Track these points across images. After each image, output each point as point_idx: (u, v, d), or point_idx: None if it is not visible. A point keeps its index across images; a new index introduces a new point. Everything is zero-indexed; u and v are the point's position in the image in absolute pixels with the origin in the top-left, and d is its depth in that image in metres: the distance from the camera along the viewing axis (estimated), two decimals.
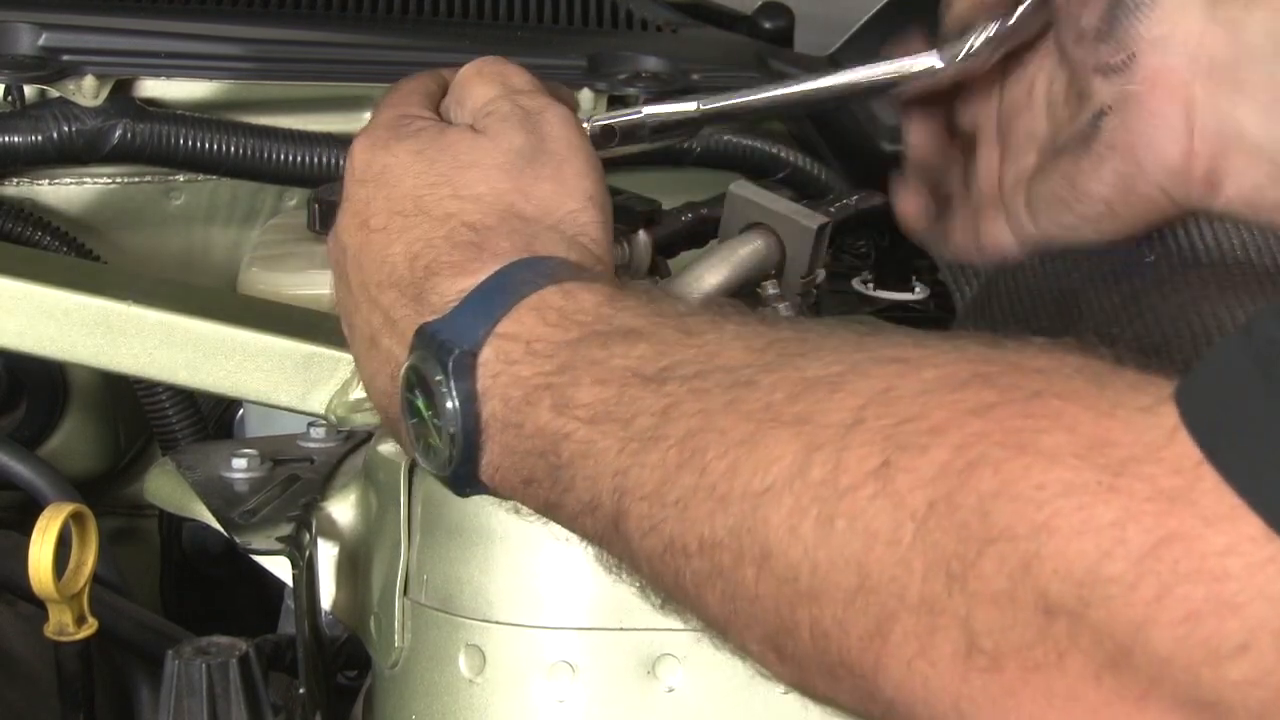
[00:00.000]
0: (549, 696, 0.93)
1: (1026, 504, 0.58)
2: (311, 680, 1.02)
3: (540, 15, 1.66)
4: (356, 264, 0.85)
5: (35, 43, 1.49)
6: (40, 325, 1.15)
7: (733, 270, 1.00)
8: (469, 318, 0.78)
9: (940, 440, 0.61)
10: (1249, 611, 0.54)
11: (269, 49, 1.55)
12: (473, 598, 0.94)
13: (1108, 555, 0.56)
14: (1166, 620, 0.55)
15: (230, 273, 1.47)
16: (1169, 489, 0.56)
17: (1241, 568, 0.54)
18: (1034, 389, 0.61)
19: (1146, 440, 0.57)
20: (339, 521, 1.06)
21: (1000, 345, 0.65)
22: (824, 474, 0.63)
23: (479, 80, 0.90)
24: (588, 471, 0.72)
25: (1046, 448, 0.58)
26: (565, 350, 0.75)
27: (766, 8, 1.82)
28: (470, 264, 0.81)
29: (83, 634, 1.03)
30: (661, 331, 0.74)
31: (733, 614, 0.67)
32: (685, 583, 0.69)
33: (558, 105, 0.88)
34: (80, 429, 1.49)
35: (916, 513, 0.60)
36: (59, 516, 0.99)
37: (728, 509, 0.66)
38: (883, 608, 0.61)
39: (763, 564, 0.65)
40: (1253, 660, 0.54)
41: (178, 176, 1.54)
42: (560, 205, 0.84)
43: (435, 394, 0.77)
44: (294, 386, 1.13)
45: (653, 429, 0.70)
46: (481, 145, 0.85)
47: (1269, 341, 0.57)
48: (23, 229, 1.47)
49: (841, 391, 0.65)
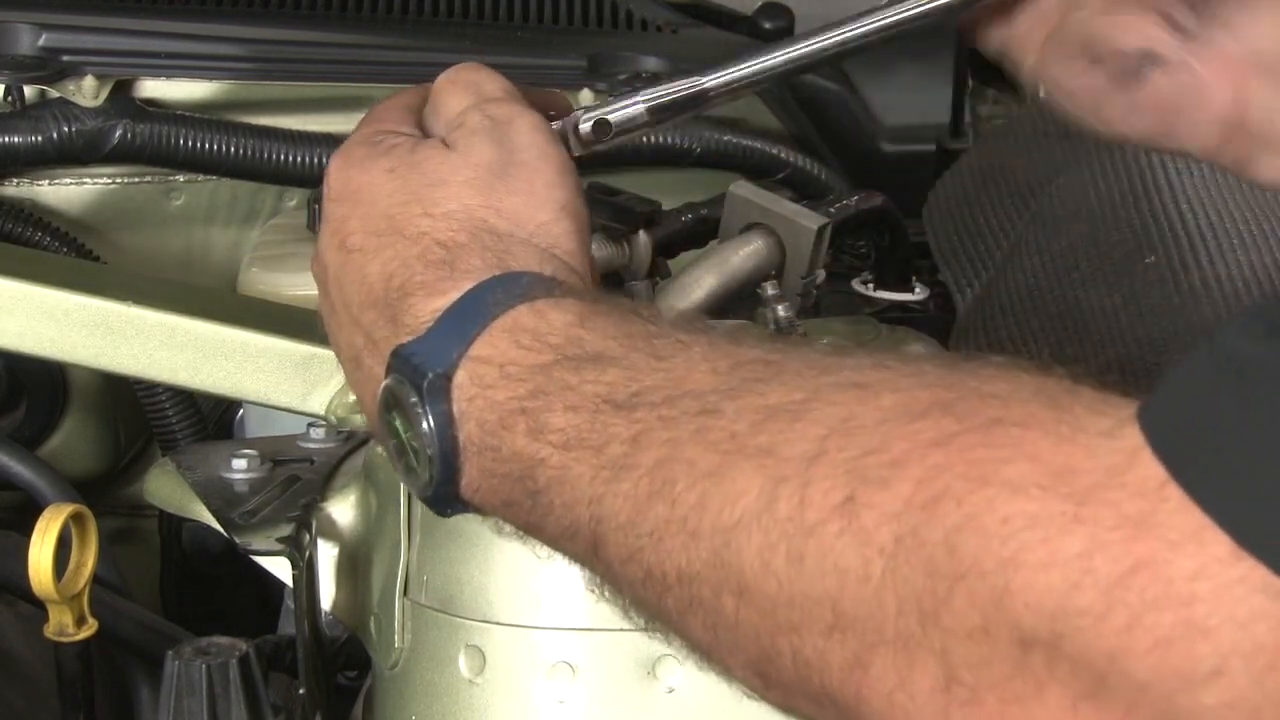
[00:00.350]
0: (549, 697, 0.93)
1: (992, 538, 0.57)
2: (311, 680, 1.02)
3: (540, 15, 1.66)
4: (337, 284, 0.85)
5: (35, 43, 1.49)
6: (40, 325, 1.15)
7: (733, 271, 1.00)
8: (442, 340, 0.77)
9: (902, 473, 0.60)
10: (1219, 636, 0.54)
11: (269, 49, 1.55)
12: (473, 598, 0.94)
13: (1076, 587, 0.56)
14: (1139, 648, 0.55)
15: (230, 273, 1.47)
16: (1134, 514, 0.56)
17: (1210, 591, 0.54)
18: (993, 415, 0.60)
19: (1108, 465, 0.57)
20: (339, 521, 1.06)
21: (958, 367, 0.64)
22: (790, 509, 0.63)
23: (452, 89, 0.89)
24: (564, 498, 0.72)
25: (1009, 479, 0.58)
26: (538, 374, 0.74)
27: (766, 8, 1.82)
28: (443, 283, 0.80)
29: (83, 634, 1.03)
30: (631, 355, 0.73)
31: (715, 642, 0.67)
32: (668, 610, 0.69)
33: (528, 113, 0.87)
34: (80, 429, 1.50)
35: (884, 549, 0.60)
36: (59, 517, 0.99)
37: (699, 543, 0.66)
38: (861, 641, 0.61)
39: (741, 596, 0.64)
40: (1226, 684, 0.54)
41: (178, 176, 1.54)
42: (532, 218, 0.83)
43: (412, 416, 0.77)
44: (294, 387, 1.13)
45: (623, 457, 0.70)
46: (451, 161, 0.85)
47: (1232, 355, 0.57)
48: (23, 229, 1.47)
49: (803, 421, 0.65)
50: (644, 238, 1.01)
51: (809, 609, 0.62)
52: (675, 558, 0.67)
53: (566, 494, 0.72)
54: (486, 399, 0.75)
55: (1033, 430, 0.59)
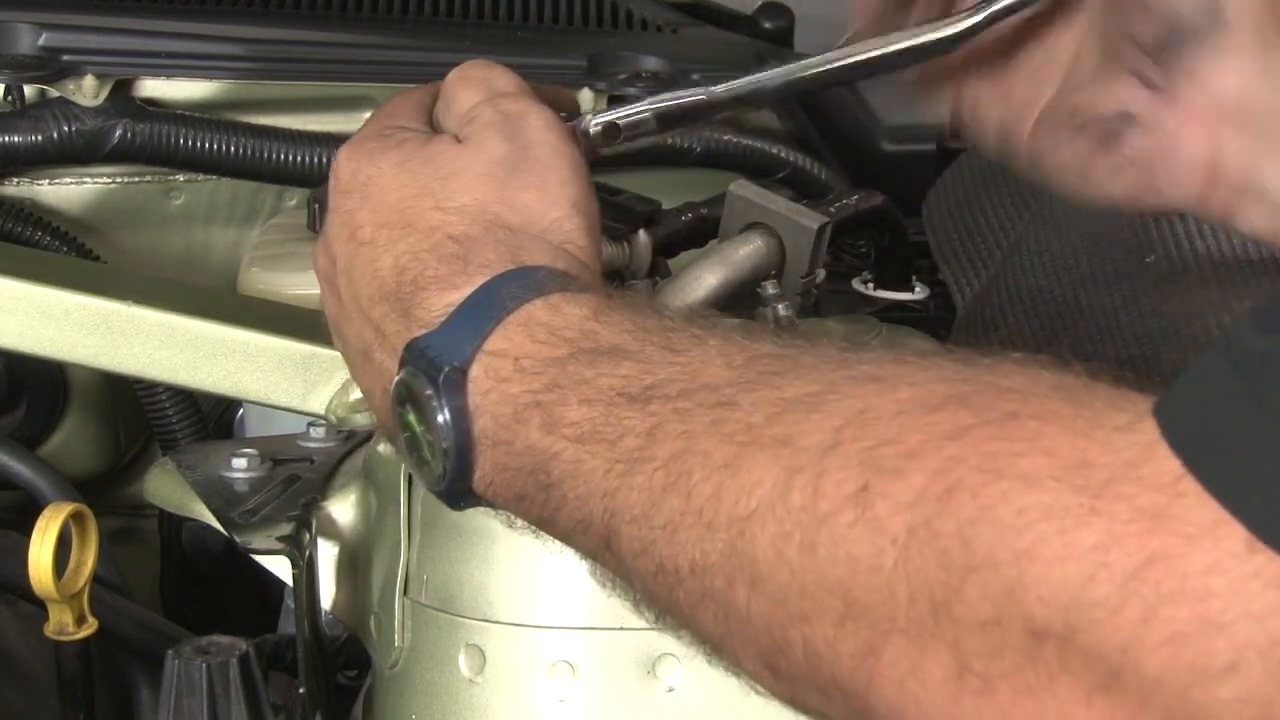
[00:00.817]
0: (549, 696, 0.93)
1: (1007, 530, 0.57)
2: (311, 680, 1.02)
3: (540, 15, 1.66)
4: (347, 276, 0.85)
5: (35, 43, 1.49)
6: (40, 325, 1.15)
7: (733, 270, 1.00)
8: (457, 333, 0.78)
9: (917, 464, 0.60)
10: (1235, 631, 0.54)
11: (269, 49, 1.55)
12: (473, 597, 0.94)
13: (1092, 580, 0.56)
14: (1153, 642, 0.55)
15: (230, 273, 1.47)
16: (1149, 508, 0.56)
17: (1225, 585, 0.54)
18: (1009, 409, 0.61)
19: (1125, 459, 0.57)
20: (339, 521, 1.06)
21: (975, 363, 0.65)
22: (804, 498, 0.63)
23: (464, 85, 0.89)
24: (578, 491, 0.72)
25: (1024, 471, 0.58)
26: (553, 368, 0.75)
27: (766, 8, 1.82)
28: (456, 277, 0.80)
29: (83, 634, 1.03)
30: (646, 349, 0.73)
31: (726, 634, 0.67)
32: (679, 603, 0.69)
33: (540, 109, 0.87)
34: (80, 429, 1.49)
35: (897, 539, 0.60)
36: (59, 516, 0.99)
37: (715, 534, 0.66)
38: (873, 629, 0.61)
39: (753, 587, 0.65)
40: (1241, 679, 0.54)
41: (178, 176, 1.54)
42: (545, 214, 0.83)
43: (426, 410, 0.77)
44: (294, 386, 1.13)
45: (638, 450, 0.70)
46: (464, 155, 0.85)
47: (1247, 350, 0.57)
48: (23, 229, 1.47)
49: (819, 412, 0.65)
50: (644, 238, 1.01)
51: (820, 598, 0.62)
52: (689, 550, 0.67)
53: (580, 488, 0.72)
54: (501, 392, 0.75)
55: (1049, 424, 0.59)
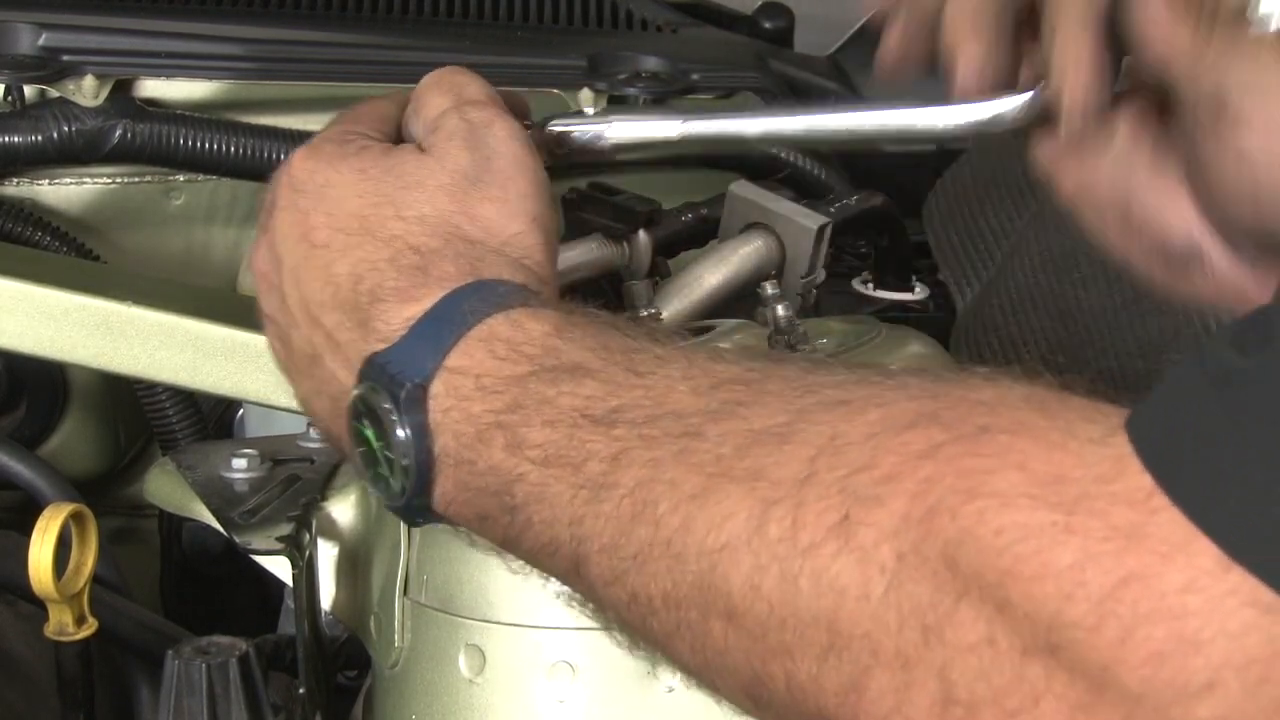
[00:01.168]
0: (549, 696, 0.93)
1: (988, 551, 0.57)
2: (311, 680, 1.02)
3: (540, 15, 1.66)
4: (295, 279, 0.84)
5: (35, 43, 1.49)
6: (40, 325, 1.14)
7: (733, 270, 1.00)
8: (417, 349, 0.77)
9: (895, 489, 0.60)
10: (1212, 649, 0.54)
11: (269, 49, 1.55)
12: (473, 598, 0.94)
13: (1069, 599, 0.56)
14: (1132, 662, 0.55)
15: (230, 273, 1.47)
16: (1124, 525, 0.56)
17: (1201, 604, 0.54)
18: (981, 423, 0.60)
19: (1097, 473, 0.57)
20: (339, 521, 1.06)
21: (943, 378, 0.64)
22: (782, 531, 0.62)
23: (435, 90, 0.88)
24: (543, 515, 0.72)
25: (998, 489, 0.58)
26: (515, 386, 0.74)
27: (766, 8, 1.82)
28: (416, 290, 0.79)
29: (83, 634, 1.03)
30: (609, 369, 0.73)
31: (704, 665, 0.67)
32: (654, 632, 0.69)
33: (506, 120, 0.86)
34: (80, 429, 1.49)
35: (886, 566, 0.60)
36: (59, 516, 0.99)
37: (684, 565, 0.65)
38: (856, 663, 0.61)
39: (730, 620, 0.64)
40: (1219, 697, 0.54)
41: (178, 176, 1.54)
42: (505, 228, 0.82)
43: (386, 425, 0.76)
44: None
45: (603, 475, 0.69)
46: (426, 165, 0.84)
47: (1220, 365, 0.57)
48: (23, 229, 1.47)
49: (791, 443, 0.64)
50: (644, 238, 1.01)
51: (803, 631, 0.62)
52: (660, 581, 0.67)
53: (545, 512, 0.72)
54: (462, 411, 0.75)
55: (1021, 437, 0.59)
